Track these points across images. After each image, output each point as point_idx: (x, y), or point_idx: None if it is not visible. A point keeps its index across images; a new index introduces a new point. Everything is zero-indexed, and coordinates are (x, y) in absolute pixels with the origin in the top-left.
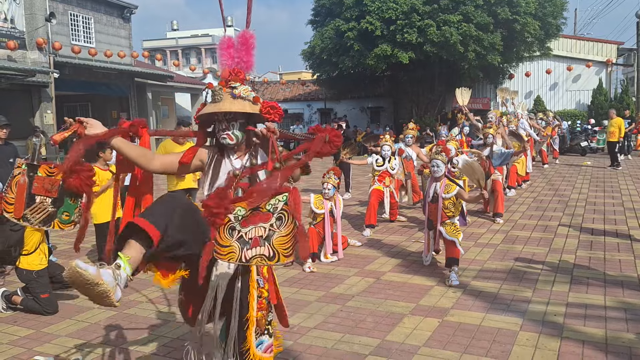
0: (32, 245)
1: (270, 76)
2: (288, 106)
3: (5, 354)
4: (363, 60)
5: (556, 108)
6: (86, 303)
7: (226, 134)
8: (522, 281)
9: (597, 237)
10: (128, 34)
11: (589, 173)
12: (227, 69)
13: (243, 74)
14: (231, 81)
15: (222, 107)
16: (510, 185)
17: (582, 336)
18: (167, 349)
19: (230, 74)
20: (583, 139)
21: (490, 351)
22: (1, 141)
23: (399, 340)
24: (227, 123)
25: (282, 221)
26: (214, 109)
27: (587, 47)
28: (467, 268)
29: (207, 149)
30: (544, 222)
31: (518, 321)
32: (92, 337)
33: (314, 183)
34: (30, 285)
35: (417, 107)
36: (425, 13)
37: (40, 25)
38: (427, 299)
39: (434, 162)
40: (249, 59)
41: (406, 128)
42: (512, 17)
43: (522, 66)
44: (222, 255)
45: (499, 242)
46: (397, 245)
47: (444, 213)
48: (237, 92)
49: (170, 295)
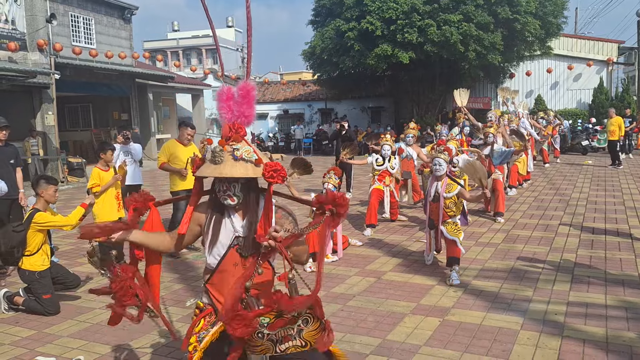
0: (34, 246)
1: (271, 76)
2: (289, 106)
3: (8, 355)
4: (363, 60)
5: (557, 107)
6: (88, 304)
7: (227, 195)
8: (523, 280)
9: (598, 236)
10: (129, 35)
11: (590, 172)
12: (227, 125)
13: (244, 129)
14: (232, 141)
15: (222, 172)
16: (511, 184)
17: (583, 335)
18: (169, 349)
19: (230, 131)
20: (584, 138)
21: (491, 350)
22: (2, 142)
23: (400, 339)
24: (228, 184)
25: (308, 322)
26: (214, 173)
27: (587, 46)
28: (468, 267)
29: (203, 210)
30: (545, 222)
31: (519, 320)
32: (94, 337)
33: (314, 183)
34: (32, 286)
35: (417, 106)
36: (425, 13)
37: (41, 27)
38: (428, 299)
39: (436, 161)
40: (250, 112)
41: (407, 127)
42: (513, 17)
43: (523, 65)
44: (256, 350)
45: (499, 241)
46: (397, 245)
47: (445, 212)
48: (238, 154)
49: (170, 295)
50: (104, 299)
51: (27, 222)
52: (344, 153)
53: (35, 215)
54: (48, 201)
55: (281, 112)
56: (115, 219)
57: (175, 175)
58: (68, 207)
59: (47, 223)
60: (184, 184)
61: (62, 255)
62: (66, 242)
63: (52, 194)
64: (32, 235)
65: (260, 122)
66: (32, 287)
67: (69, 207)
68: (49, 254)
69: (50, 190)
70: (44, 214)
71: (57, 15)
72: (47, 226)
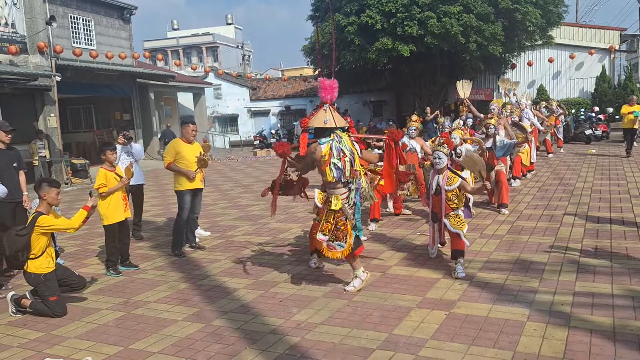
0: (39, 249)
1: (272, 73)
2: (290, 102)
3: (16, 357)
4: (364, 54)
5: (559, 97)
6: (94, 304)
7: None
8: (528, 271)
9: (603, 225)
10: (129, 35)
11: (593, 161)
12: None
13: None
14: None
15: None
16: (515, 175)
17: (590, 325)
18: (176, 349)
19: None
20: (587, 127)
21: (497, 342)
22: (5, 146)
23: (406, 333)
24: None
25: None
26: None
27: (589, 34)
28: (473, 260)
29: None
30: (549, 212)
31: (525, 312)
32: (101, 338)
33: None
34: (39, 289)
35: (419, 99)
36: (425, 5)
37: (41, 29)
38: (434, 292)
39: (436, 154)
40: (334, 95)
41: (409, 120)
42: (513, 7)
43: (524, 55)
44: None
45: (504, 233)
46: (402, 239)
47: (447, 205)
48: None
49: (176, 295)
50: (110, 299)
51: (30, 225)
52: None
53: (38, 218)
54: (51, 204)
55: (283, 109)
56: (122, 220)
57: (181, 174)
58: (72, 209)
59: (50, 226)
60: (189, 183)
61: (68, 257)
62: (72, 244)
63: (55, 196)
64: (36, 239)
65: (263, 118)
66: (38, 290)
67: (73, 208)
68: (53, 256)
69: (52, 193)
70: (47, 217)
71: (57, 17)
72: (50, 229)
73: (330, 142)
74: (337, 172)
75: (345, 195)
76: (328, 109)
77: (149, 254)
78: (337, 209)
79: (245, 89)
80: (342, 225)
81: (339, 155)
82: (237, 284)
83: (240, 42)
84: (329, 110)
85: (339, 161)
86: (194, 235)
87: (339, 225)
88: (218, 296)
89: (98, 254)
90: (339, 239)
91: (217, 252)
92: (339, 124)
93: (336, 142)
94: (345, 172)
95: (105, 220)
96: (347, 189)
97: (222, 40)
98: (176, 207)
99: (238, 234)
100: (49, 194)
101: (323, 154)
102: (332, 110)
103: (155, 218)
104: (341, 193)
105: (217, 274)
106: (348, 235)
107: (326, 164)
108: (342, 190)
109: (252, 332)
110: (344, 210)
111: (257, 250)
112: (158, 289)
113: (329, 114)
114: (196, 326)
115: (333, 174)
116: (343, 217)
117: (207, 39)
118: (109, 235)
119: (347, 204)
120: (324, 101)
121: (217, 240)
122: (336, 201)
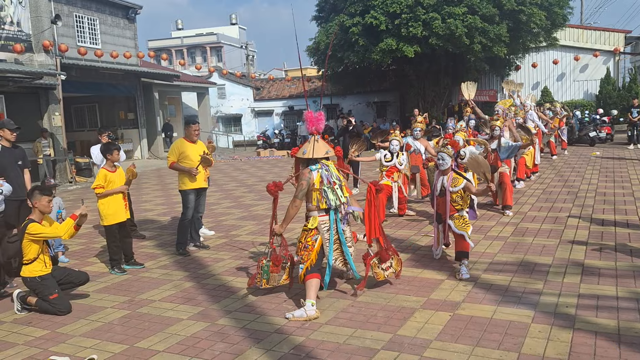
0: (32, 255)
1: (275, 73)
2: (294, 103)
3: (22, 355)
4: (368, 55)
5: (564, 98)
6: (99, 302)
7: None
8: (533, 273)
9: (608, 228)
10: (133, 35)
11: (598, 163)
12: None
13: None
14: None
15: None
16: (519, 177)
17: (595, 327)
18: (181, 347)
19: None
20: (591, 129)
21: (502, 344)
22: (10, 144)
23: (410, 334)
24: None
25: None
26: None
27: (594, 36)
28: (478, 261)
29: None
30: (553, 214)
31: (530, 313)
32: (106, 336)
33: None
34: (37, 290)
35: (423, 100)
36: (429, 6)
37: (46, 28)
38: (438, 293)
39: (440, 155)
40: (320, 127)
41: (414, 121)
42: (518, 8)
43: (529, 57)
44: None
45: (508, 234)
46: (406, 240)
47: (452, 206)
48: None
49: (181, 293)
50: (115, 297)
51: (21, 232)
52: (352, 151)
53: (28, 226)
54: (42, 211)
55: (286, 109)
56: (123, 220)
57: (185, 174)
58: (76, 208)
59: (39, 234)
60: (194, 183)
61: (72, 255)
62: (76, 242)
63: (46, 204)
64: (28, 245)
65: (266, 119)
66: (37, 292)
67: (77, 207)
68: (47, 262)
69: (43, 201)
70: (37, 225)
71: (62, 16)
72: (39, 237)
73: (320, 170)
74: (327, 199)
75: (325, 219)
76: (312, 140)
77: (153, 252)
78: (313, 227)
79: (249, 88)
80: (310, 245)
81: (328, 182)
82: (242, 283)
83: (245, 42)
84: (312, 141)
85: (329, 189)
86: (198, 234)
87: (307, 244)
88: (223, 295)
89: (103, 252)
90: (303, 260)
91: (221, 251)
92: (316, 154)
93: (325, 171)
94: (335, 199)
95: (105, 221)
96: (327, 214)
97: (226, 40)
98: (180, 206)
99: (242, 234)
100: (40, 201)
101: (315, 181)
102: (317, 142)
103: (159, 217)
104: (320, 215)
105: (221, 273)
106: (311, 257)
107: (317, 190)
108: (322, 214)
109: (257, 331)
110: (319, 229)
111: (261, 250)
112: (163, 287)
113: (312, 145)
114: (201, 325)
115: (324, 199)
116: (315, 237)
117: (211, 39)
118: (110, 235)
119: (324, 224)
120: (310, 132)
121: (221, 240)
122: (313, 221)
